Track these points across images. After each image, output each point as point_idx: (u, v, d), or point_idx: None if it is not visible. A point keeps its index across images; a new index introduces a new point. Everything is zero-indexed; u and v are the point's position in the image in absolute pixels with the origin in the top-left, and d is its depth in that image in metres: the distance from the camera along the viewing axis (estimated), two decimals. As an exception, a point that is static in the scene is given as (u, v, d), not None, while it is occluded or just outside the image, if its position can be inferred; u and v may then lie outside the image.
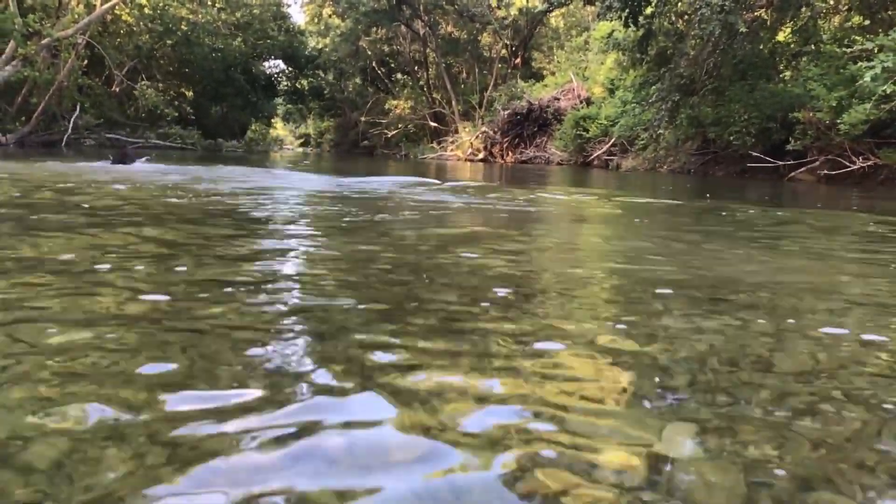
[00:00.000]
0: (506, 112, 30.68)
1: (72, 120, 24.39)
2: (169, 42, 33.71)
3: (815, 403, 1.49)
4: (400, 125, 42.63)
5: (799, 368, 1.72)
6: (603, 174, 19.36)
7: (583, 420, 1.36)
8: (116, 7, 27.96)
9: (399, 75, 47.77)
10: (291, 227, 4.49)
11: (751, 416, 1.41)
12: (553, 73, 35.54)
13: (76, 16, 25.73)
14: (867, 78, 12.68)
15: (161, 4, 32.21)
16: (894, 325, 2.20)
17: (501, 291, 2.47)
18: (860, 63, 13.33)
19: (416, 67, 44.63)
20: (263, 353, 1.69)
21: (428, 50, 41.67)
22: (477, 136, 33.51)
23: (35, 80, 23.34)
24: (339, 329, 1.92)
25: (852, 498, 1.10)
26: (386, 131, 43.14)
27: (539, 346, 1.83)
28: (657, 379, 1.62)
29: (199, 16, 35.47)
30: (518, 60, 39.87)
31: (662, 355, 1.79)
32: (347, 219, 4.98)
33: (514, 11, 38.73)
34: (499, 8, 38.85)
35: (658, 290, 2.59)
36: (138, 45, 31.69)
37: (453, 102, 38.57)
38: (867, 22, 17.15)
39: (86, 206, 5.09)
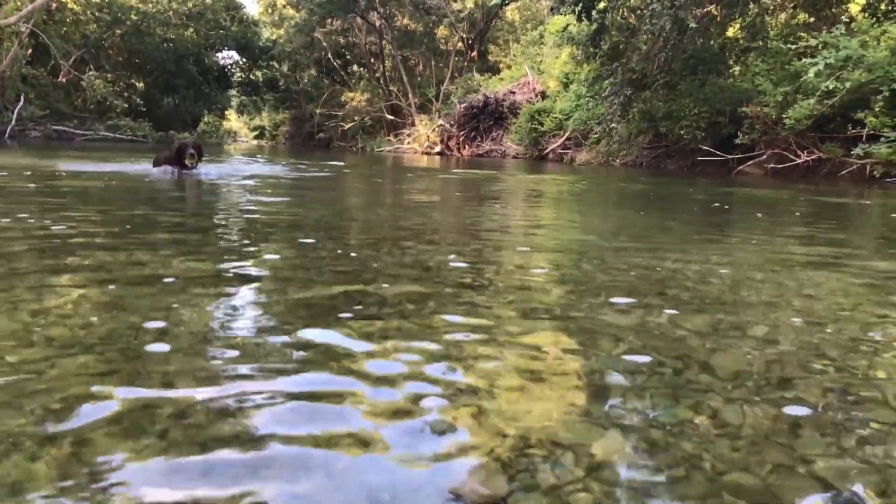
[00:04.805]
0: (462, 105, 30.71)
1: (16, 111, 23.68)
2: (118, 32, 32.93)
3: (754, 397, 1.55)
4: (356, 118, 42.21)
5: (736, 366, 1.79)
6: (557, 167, 19.53)
7: (524, 420, 1.39)
8: (61, -6, 27.23)
9: (355, 67, 47.36)
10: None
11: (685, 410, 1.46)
12: (509, 67, 35.66)
13: (19, 3, 24.96)
14: (811, 74, 13.06)
15: (109, -8, 31.44)
16: (825, 320, 2.28)
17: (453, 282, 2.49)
18: (804, 59, 13.69)
19: (372, 60, 44.28)
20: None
21: (384, 42, 41.39)
22: (434, 130, 33.48)
23: (-24, 69, 22.62)
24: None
25: (780, 495, 1.16)
26: (342, 124, 42.69)
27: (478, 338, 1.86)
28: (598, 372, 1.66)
29: (150, 5, 34.70)
30: (474, 54, 39.89)
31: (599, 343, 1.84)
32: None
33: (469, 4, 38.71)
34: (455, 1, 38.79)
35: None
36: (86, 34, 30.88)
37: (410, 95, 38.40)
38: (812, 19, 17.62)
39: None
